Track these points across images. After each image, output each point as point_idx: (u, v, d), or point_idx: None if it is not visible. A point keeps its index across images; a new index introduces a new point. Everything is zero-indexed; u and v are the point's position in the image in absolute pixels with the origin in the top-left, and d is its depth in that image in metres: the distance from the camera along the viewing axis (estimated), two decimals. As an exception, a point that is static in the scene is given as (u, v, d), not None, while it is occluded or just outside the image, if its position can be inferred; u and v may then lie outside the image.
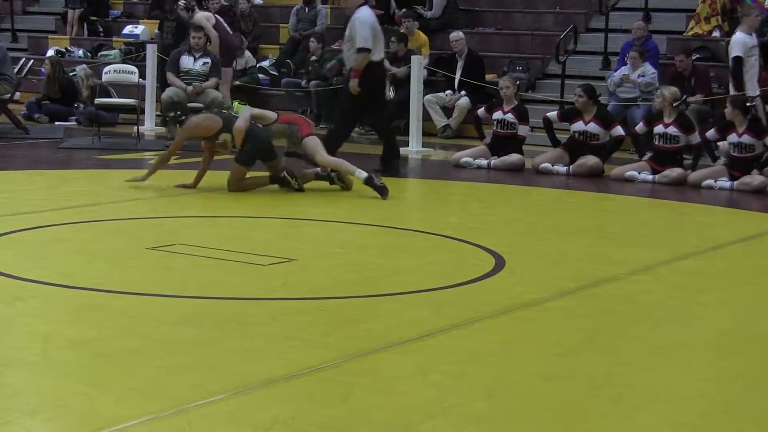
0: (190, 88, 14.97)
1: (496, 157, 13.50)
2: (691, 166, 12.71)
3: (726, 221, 10.65)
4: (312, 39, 18.13)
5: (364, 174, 10.69)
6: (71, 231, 8.87)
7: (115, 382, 5.08)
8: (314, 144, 10.94)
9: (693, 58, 15.53)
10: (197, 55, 15.38)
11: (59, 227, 8.93)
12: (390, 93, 17.01)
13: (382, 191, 10.59)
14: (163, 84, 16.22)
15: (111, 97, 16.87)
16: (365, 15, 12.35)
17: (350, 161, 11.16)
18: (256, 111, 11.39)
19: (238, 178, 10.83)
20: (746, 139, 12.21)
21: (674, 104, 12.71)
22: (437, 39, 18.27)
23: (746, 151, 12.23)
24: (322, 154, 10.92)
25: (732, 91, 13.34)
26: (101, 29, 21.95)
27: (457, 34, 16.93)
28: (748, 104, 12.70)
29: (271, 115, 11.27)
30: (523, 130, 13.57)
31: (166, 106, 12.47)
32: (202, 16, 15.98)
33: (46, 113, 17.69)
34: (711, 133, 12.67)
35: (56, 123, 17.38)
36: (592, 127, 13.21)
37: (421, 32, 17.88)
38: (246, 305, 6.63)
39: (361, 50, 12.16)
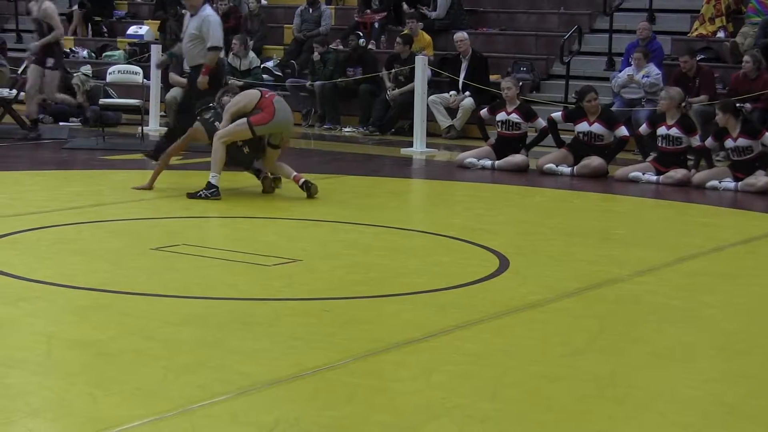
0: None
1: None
2: (693, 166, 12.69)
3: (730, 222, 10.64)
4: (315, 44, 18.12)
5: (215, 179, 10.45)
6: (75, 231, 8.87)
7: (119, 382, 5.08)
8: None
9: (697, 58, 15.51)
10: (201, 57, 15.38)
11: (63, 228, 8.93)
12: (392, 92, 17.03)
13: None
14: (167, 85, 16.25)
15: (111, 98, 16.89)
16: (214, 14, 12.56)
17: (354, 162, 11.14)
18: (232, 106, 10.68)
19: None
20: (742, 142, 12.19)
21: (681, 104, 12.73)
22: (441, 40, 18.27)
23: (745, 154, 12.21)
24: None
25: None
26: (105, 30, 21.97)
27: (461, 35, 16.92)
28: (738, 105, 12.71)
29: (248, 104, 10.59)
30: (538, 123, 13.63)
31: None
32: (52, 8, 15.70)
33: (51, 114, 17.69)
34: (709, 141, 12.64)
35: (60, 123, 17.39)
36: (597, 127, 13.20)
37: (424, 33, 17.88)
38: (250, 306, 6.62)
39: (213, 48, 12.31)
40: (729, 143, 12.31)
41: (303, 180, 10.71)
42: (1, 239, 8.34)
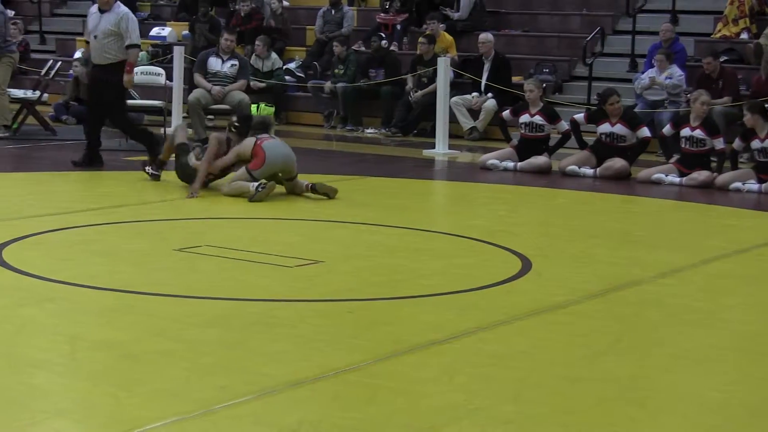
0: (216, 89, 15.06)
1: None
2: (717, 169, 12.64)
3: (753, 224, 10.60)
4: (335, 42, 18.14)
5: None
6: (98, 232, 8.90)
7: (143, 383, 5.10)
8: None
9: (721, 60, 15.47)
10: (225, 57, 15.45)
11: (86, 229, 8.96)
12: (415, 95, 17.02)
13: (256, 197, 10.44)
14: (191, 86, 16.30)
15: (133, 99, 16.94)
16: (129, 11, 12.64)
17: (376, 164, 11.13)
18: (236, 148, 10.89)
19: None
20: None
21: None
22: (463, 41, 18.25)
23: (772, 154, 12.17)
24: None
25: None
26: (128, 31, 22.00)
27: (485, 36, 16.89)
28: (766, 106, 12.65)
29: (246, 152, 10.75)
30: (561, 126, 13.62)
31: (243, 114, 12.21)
32: None
33: (73, 115, 17.75)
34: (737, 142, 12.57)
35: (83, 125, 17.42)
36: (619, 128, 13.17)
37: (446, 34, 17.86)
38: (272, 307, 6.64)
39: (134, 46, 12.45)
40: (756, 144, 12.25)
41: (310, 184, 10.78)
42: (25, 240, 8.38)
